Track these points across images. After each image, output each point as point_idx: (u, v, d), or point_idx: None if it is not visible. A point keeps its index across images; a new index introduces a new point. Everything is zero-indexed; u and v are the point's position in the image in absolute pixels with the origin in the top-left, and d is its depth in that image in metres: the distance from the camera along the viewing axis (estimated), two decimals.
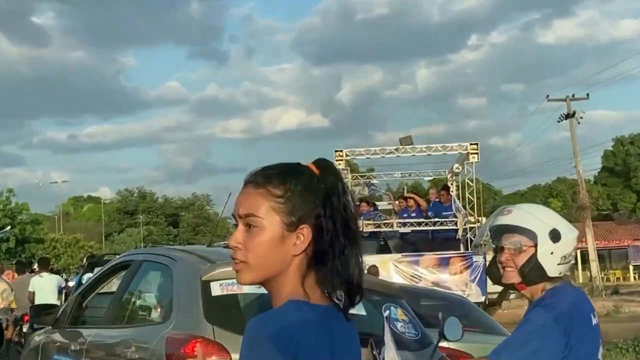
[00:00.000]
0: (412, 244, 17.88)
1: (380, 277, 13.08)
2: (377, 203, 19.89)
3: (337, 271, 1.62)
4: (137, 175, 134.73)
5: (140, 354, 4.76)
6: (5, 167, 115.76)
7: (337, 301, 1.64)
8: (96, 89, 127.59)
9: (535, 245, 2.81)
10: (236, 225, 1.68)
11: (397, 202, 19.48)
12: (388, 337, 2.96)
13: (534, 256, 2.80)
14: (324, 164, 1.69)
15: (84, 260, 18.63)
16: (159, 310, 5.24)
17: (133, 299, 5.62)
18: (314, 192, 1.63)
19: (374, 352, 3.05)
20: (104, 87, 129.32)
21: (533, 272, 2.80)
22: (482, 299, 16.49)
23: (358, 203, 18.62)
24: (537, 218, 2.84)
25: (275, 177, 1.65)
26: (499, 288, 3.50)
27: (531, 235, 2.81)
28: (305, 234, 1.62)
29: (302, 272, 1.63)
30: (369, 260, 16.27)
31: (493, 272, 2.94)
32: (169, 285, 5.01)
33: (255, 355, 1.55)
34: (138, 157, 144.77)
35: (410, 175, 23.51)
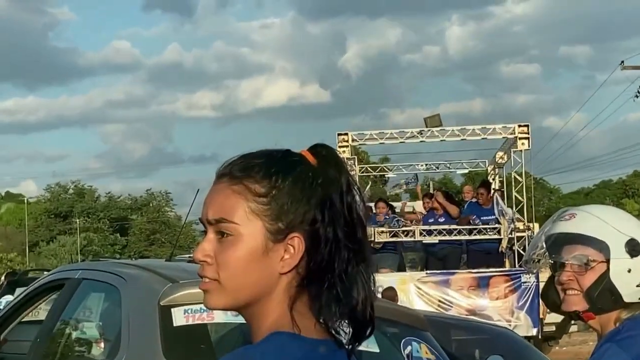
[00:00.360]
0: (440, 259, 17.92)
1: (398, 303, 13.14)
2: (393, 204, 19.90)
3: (338, 295, 1.62)
4: (72, 165, 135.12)
5: None
6: None
7: (337, 335, 1.64)
8: (17, 50, 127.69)
9: (607, 261, 2.81)
10: (205, 233, 1.68)
11: (420, 202, 19.53)
12: None
13: (605, 275, 2.81)
14: (323, 152, 1.69)
15: (2, 279, 18.71)
16: (102, 345, 5.25)
17: (68, 331, 5.62)
18: (309, 190, 1.64)
19: None
20: (28, 47, 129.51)
21: (604, 296, 2.81)
22: (534, 331, 16.54)
23: (373, 203, 18.70)
24: (609, 224, 2.85)
25: (257, 168, 1.65)
26: (557, 318, 3.54)
27: (602, 247, 2.82)
28: (296, 245, 1.62)
29: (292, 296, 1.63)
30: (383, 280, 16.33)
31: (550, 296, 2.94)
32: (117, 312, 5.01)
33: None
34: (73, 142, 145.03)
35: (438, 168, 23.52)
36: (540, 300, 3.16)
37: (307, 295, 1.63)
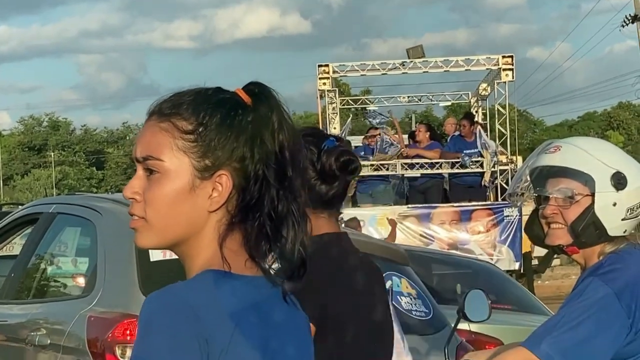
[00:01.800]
0: (422, 193, 17.97)
1: (378, 237, 13.19)
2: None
3: (267, 233, 1.64)
4: (46, 97, 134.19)
5: (52, 338, 4.78)
6: None
7: (269, 271, 1.66)
8: None
9: (593, 194, 2.81)
10: (135, 171, 1.69)
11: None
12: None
13: (590, 209, 2.81)
14: (257, 90, 1.69)
15: None
16: (78, 279, 5.25)
17: (43, 265, 5.62)
18: (238, 127, 1.65)
19: None
20: None
21: (589, 230, 2.81)
22: (517, 266, 16.70)
23: (366, 134, 18.63)
24: (595, 157, 2.85)
25: (186, 106, 1.66)
26: (541, 252, 3.53)
27: (587, 180, 2.81)
28: (223, 183, 1.64)
29: (222, 234, 1.65)
30: (365, 214, 16.39)
31: (534, 230, 2.94)
32: (92, 246, 5.01)
33: (152, 342, 1.55)
34: (47, 73, 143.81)
35: (420, 100, 23.52)
36: (524, 233, 3.17)
37: (238, 233, 1.65)
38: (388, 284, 4.80)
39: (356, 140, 19.59)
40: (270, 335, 1.65)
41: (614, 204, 2.81)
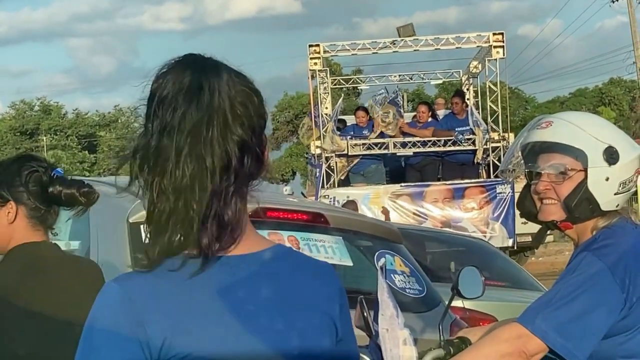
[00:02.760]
0: (418, 171, 17.98)
1: (372, 216, 13.20)
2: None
3: None
4: (37, 81, 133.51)
5: None
6: None
7: None
8: None
9: (585, 170, 2.81)
10: None
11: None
12: (383, 294, 2.98)
13: (582, 184, 2.81)
14: None
15: None
16: None
17: None
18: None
19: (365, 314, 3.08)
20: None
21: (582, 205, 2.81)
22: (510, 242, 16.73)
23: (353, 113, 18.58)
24: (587, 132, 2.84)
25: None
26: (534, 228, 3.51)
27: (579, 155, 2.81)
28: None
29: None
30: (357, 194, 16.40)
31: (526, 206, 2.94)
32: (85, 230, 4.99)
33: None
34: (38, 57, 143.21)
35: (412, 79, 23.44)
36: (516, 210, 3.15)
37: None
38: (381, 262, 4.80)
39: (351, 120, 19.57)
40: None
41: (607, 179, 2.81)
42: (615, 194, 2.83)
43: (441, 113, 18.82)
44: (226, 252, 1.75)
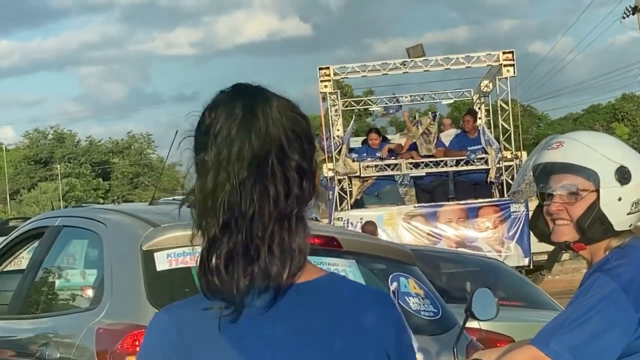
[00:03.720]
0: (428, 192, 17.95)
1: (386, 238, 13.15)
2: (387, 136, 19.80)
3: None
4: (49, 110, 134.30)
5: (62, 351, 4.77)
6: None
7: None
8: None
9: (597, 190, 2.80)
10: None
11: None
12: None
13: (595, 204, 2.79)
14: None
15: None
16: (86, 292, 5.24)
17: (50, 279, 5.62)
18: None
19: None
20: None
21: (595, 226, 2.80)
22: (526, 261, 16.66)
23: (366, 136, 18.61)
24: (598, 152, 2.83)
25: None
26: (550, 246, 3.50)
27: (591, 175, 2.80)
28: None
29: None
30: (371, 215, 16.38)
31: (539, 227, 2.93)
32: (99, 258, 5.00)
33: None
34: (50, 86, 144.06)
35: (422, 99, 23.48)
36: (530, 230, 3.14)
37: None
38: (394, 285, 4.78)
39: (359, 142, 19.61)
40: None
41: (619, 199, 2.80)
42: (628, 214, 2.81)
43: (449, 133, 18.80)
44: (294, 280, 1.74)
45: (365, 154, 18.11)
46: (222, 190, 1.71)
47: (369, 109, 24.08)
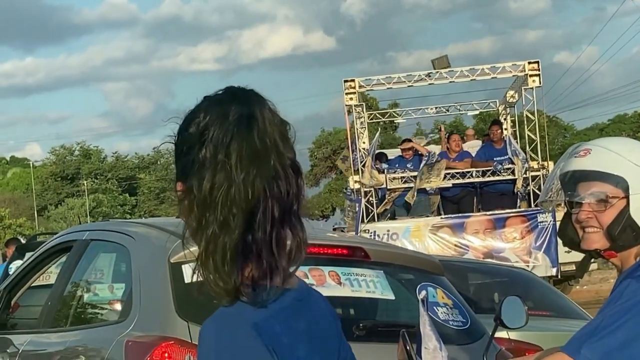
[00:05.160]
0: (455, 203, 17.91)
1: (414, 249, 13.14)
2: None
3: None
4: (75, 126, 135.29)
5: None
6: None
7: None
8: (12, 10, 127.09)
9: (627, 196, 2.78)
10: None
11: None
12: (426, 327, 2.97)
13: (625, 211, 2.78)
14: None
15: (8, 247, 18.74)
16: (114, 305, 5.26)
17: (79, 293, 5.64)
18: None
19: (408, 347, 3.06)
20: (23, 7, 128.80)
21: (625, 233, 2.78)
22: (553, 271, 16.56)
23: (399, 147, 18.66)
24: (626, 158, 2.82)
25: None
26: (577, 256, 3.47)
27: (619, 182, 2.78)
28: None
29: None
30: (399, 227, 16.38)
31: (568, 235, 2.91)
32: (127, 271, 5.02)
33: None
34: (75, 102, 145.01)
35: (448, 110, 23.42)
36: (558, 239, 3.13)
37: None
38: (423, 294, 4.77)
39: (392, 154, 19.58)
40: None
41: None
42: None
43: (472, 144, 18.76)
44: (288, 285, 1.81)
45: (397, 165, 18.12)
46: (220, 189, 1.73)
47: (394, 121, 24.06)
